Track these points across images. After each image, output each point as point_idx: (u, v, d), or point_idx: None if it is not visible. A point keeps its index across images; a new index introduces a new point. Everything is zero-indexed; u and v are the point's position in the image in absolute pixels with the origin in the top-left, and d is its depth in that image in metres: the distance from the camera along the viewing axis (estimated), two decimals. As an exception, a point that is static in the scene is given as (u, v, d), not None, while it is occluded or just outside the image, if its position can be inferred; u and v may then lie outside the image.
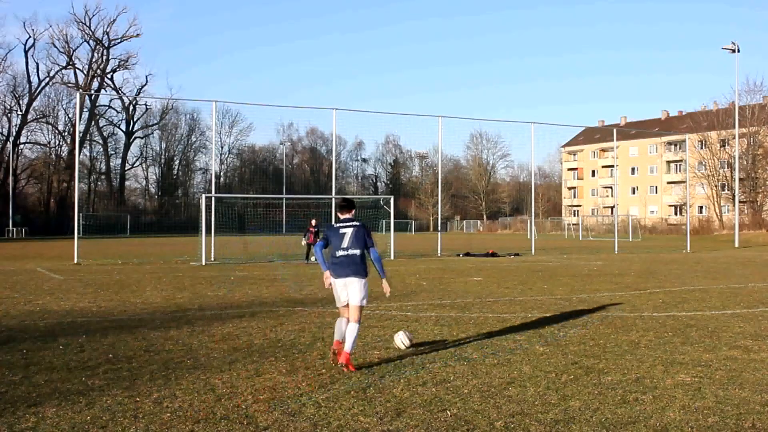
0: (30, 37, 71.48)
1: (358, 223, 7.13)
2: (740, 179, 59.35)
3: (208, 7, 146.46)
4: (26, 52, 70.97)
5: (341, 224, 7.19)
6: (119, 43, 76.32)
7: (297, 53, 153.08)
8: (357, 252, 6.97)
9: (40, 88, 71.88)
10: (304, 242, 24.20)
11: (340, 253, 7.00)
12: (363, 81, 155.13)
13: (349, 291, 6.90)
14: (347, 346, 6.67)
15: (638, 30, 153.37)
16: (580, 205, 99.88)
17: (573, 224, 73.96)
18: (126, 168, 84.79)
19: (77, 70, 75.21)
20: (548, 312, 10.82)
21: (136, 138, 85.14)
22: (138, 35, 78.84)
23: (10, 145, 66.71)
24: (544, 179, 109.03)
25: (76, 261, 23.82)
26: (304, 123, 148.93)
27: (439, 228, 35.85)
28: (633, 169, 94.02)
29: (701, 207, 78.45)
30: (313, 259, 23.92)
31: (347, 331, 6.75)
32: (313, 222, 24.63)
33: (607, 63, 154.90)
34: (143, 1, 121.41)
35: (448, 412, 5.24)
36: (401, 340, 7.55)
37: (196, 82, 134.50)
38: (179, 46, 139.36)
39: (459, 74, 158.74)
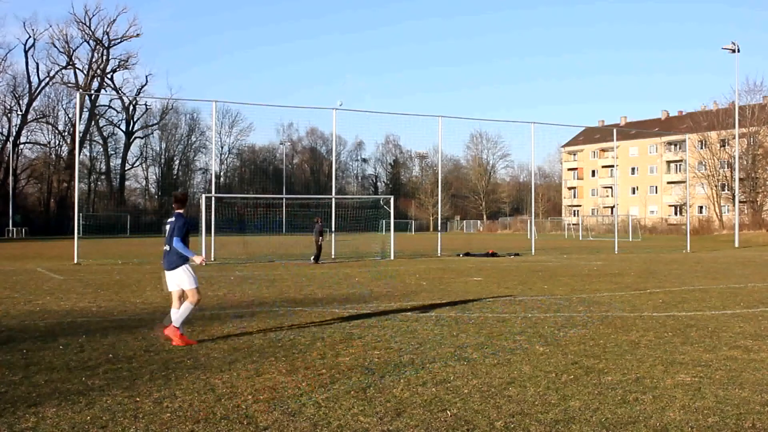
0: (30, 37, 71.43)
1: (172, 219, 8.10)
2: (740, 179, 59.31)
3: (208, 7, 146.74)
4: (26, 52, 70.89)
5: (169, 218, 8.26)
6: (119, 43, 76.25)
7: (297, 53, 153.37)
8: (167, 248, 8.06)
9: (40, 88, 71.87)
10: (321, 242, 24.02)
11: (164, 246, 8.16)
12: (363, 81, 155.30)
13: (167, 281, 8.16)
14: (169, 320, 8.00)
15: (638, 30, 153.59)
16: (580, 205, 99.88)
17: (573, 224, 73.97)
18: (126, 168, 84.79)
19: (77, 70, 75.21)
20: (548, 312, 10.82)
21: (136, 138, 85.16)
22: (138, 35, 78.78)
23: (10, 145, 66.63)
24: (544, 179, 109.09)
25: (76, 261, 23.82)
26: (304, 123, 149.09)
27: (439, 228, 35.85)
28: (633, 169, 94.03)
29: (701, 207, 78.43)
30: (311, 259, 23.90)
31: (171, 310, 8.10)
32: (317, 220, 24.60)
33: (607, 63, 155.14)
34: (143, 1, 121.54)
35: (448, 412, 5.24)
36: None
37: (196, 82, 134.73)
38: (179, 46, 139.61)
39: (459, 74, 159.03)
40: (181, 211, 8.30)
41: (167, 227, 8.19)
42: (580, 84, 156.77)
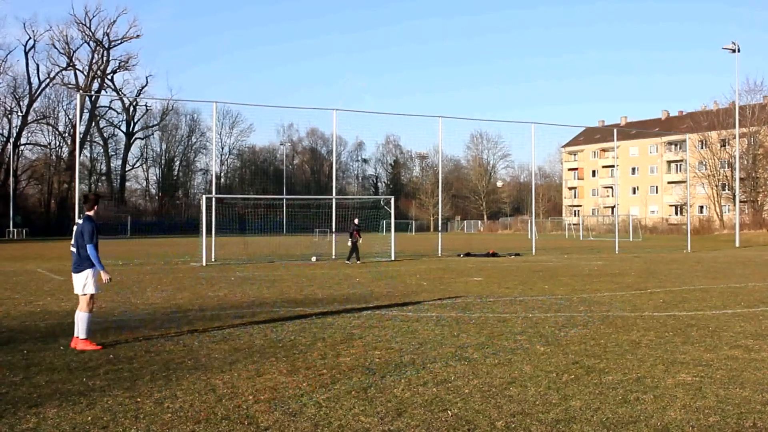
0: (30, 38, 71.56)
1: (80, 221, 8.01)
2: (741, 179, 59.29)
3: (208, 7, 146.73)
4: (26, 54, 70.93)
5: (78, 219, 8.17)
6: (119, 44, 76.29)
7: (297, 53, 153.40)
8: (74, 250, 7.97)
9: (40, 90, 71.92)
10: (350, 243, 24.20)
11: (71, 248, 8.05)
12: (363, 81, 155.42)
13: (74, 284, 8.03)
14: (77, 332, 7.81)
15: (638, 30, 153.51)
16: (580, 205, 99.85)
17: (573, 224, 73.93)
18: (126, 169, 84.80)
19: (77, 71, 75.23)
20: (549, 312, 10.82)
21: (136, 139, 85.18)
22: (138, 36, 78.90)
23: (10, 146, 66.67)
24: (544, 179, 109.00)
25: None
26: (304, 123, 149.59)
27: (440, 228, 35.84)
28: (633, 169, 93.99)
29: (702, 207, 78.40)
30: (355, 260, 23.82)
31: (75, 318, 7.93)
32: (356, 221, 25.12)
33: (607, 63, 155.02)
34: (143, 2, 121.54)
35: (449, 412, 5.24)
36: None
37: (196, 83, 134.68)
38: (179, 46, 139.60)
39: (459, 74, 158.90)
40: (90, 213, 8.13)
41: (75, 228, 8.07)
42: (580, 84, 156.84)
